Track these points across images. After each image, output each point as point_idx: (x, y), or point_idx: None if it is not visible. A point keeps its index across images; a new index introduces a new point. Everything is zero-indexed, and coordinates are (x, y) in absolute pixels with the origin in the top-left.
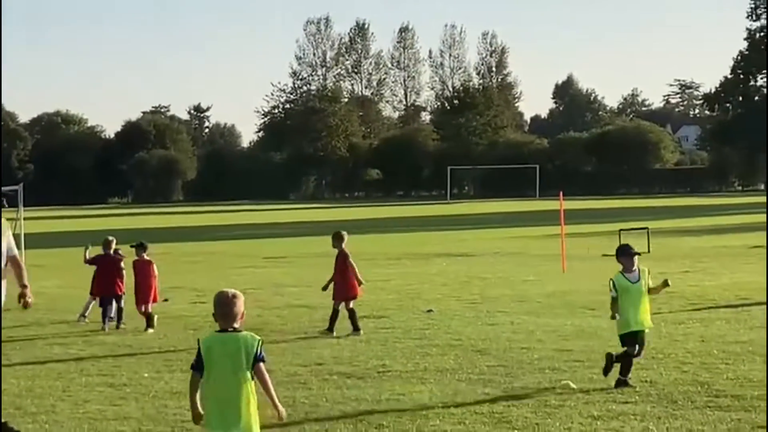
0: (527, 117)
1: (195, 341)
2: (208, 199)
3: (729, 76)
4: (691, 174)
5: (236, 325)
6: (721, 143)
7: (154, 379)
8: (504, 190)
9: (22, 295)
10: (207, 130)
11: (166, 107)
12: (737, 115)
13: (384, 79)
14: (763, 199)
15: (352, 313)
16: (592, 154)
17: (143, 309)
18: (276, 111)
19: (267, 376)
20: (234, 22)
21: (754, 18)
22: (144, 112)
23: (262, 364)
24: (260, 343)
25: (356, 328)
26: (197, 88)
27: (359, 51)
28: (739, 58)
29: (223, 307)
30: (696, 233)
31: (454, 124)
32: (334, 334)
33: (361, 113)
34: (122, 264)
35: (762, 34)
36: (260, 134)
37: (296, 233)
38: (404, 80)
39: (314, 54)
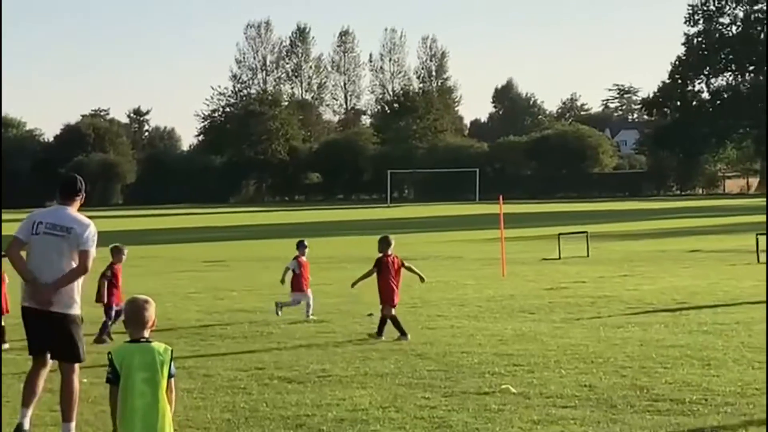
0: (467, 121)
1: (108, 355)
2: (147, 202)
3: (667, 81)
4: (629, 178)
5: (146, 333)
6: (660, 147)
7: (93, 385)
8: (444, 194)
9: None
10: (147, 133)
11: (105, 110)
12: (675, 119)
13: (324, 82)
14: (700, 203)
15: (383, 320)
16: (531, 158)
17: None
18: (216, 115)
19: (174, 392)
20: (174, 25)
21: (691, 23)
22: (83, 116)
23: (173, 380)
24: (172, 355)
25: (380, 333)
26: (137, 92)
27: (300, 55)
28: (677, 63)
29: (135, 313)
30: (634, 237)
31: (395, 127)
32: (383, 338)
33: (301, 117)
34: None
35: (699, 39)
36: (200, 138)
37: (236, 237)
38: (344, 84)
39: (254, 58)
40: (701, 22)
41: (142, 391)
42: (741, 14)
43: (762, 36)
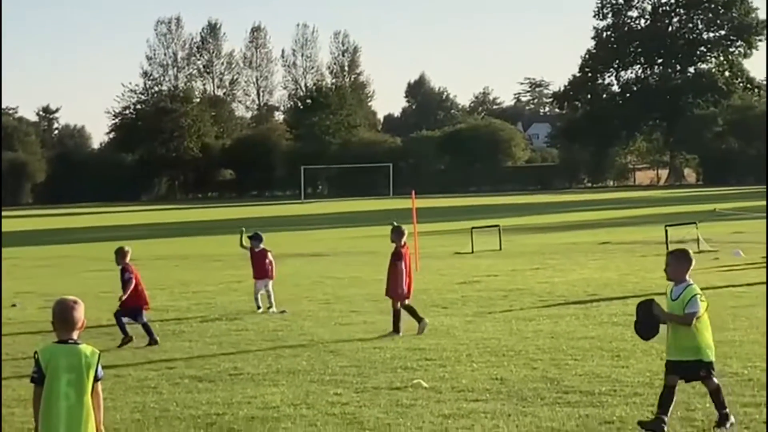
0: (380, 116)
1: (34, 354)
2: (58, 201)
3: (577, 75)
4: (541, 171)
5: (75, 336)
6: (571, 141)
7: (2, 387)
8: (358, 189)
9: None
10: (56, 131)
11: (13, 109)
12: (586, 112)
13: (236, 78)
14: (611, 195)
15: (397, 314)
16: (444, 153)
17: None
18: (127, 112)
19: (101, 395)
20: (84, 22)
21: (600, 17)
22: None
23: (99, 383)
24: (99, 358)
25: (397, 330)
26: (46, 89)
27: (211, 51)
28: (587, 56)
29: (63, 314)
30: (546, 230)
31: (308, 123)
32: (401, 333)
33: (213, 113)
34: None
35: (609, 32)
36: (111, 135)
37: (148, 235)
38: (257, 80)
39: (165, 54)
40: (610, 15)
41: (66, 394)
42: (649, 7)
43: (670, 29)
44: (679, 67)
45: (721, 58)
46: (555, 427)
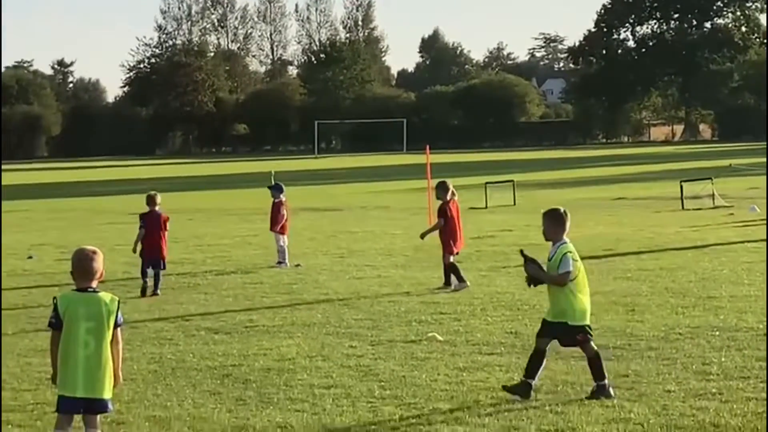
0: (394, 71)
1: (53, 300)
2: (73, 155)
3: (593, 30)
4: (555, 127)
5: (94, 284)
6: (586, 96)
7: (18, 337)
8: (371, 145)
9: None
10: (71, 85)
11: (29, 62)
12: (601, 68)
13: (250, 33)
14: (626, 151)
15: (448, 269)
16: (458, 108)
17: None
18: (141, 66)
19: (121, 342)
20: None
21: None
22: (6, 67)
23: (120, 329)
24: (119, 305)
25: (447, 284)
26: (61, 43)
27: (225, 5)
28: (602, 11)
29: (82, 263)
30: (561, 186)
31: (321, 78)
32: (452, 287)
33: (227, 68)
34: (168, 224)
35: None
36: (126, 89)
37: (162, 189)
38: (271, 34)
39: (179, 8)
40: None
41: (85, 341)
42: None
43: None
44: (695, 22)
45: (738, 13)
46: (569, 380)
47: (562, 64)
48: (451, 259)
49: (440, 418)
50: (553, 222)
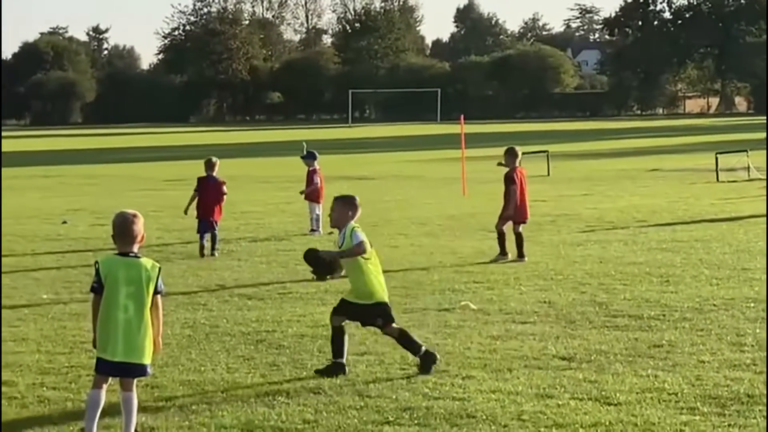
0: (429, 41)
1: (95, 264)
2: (107, 121)
3: (629, 1)
4: (590, 98)
5: (135, 249)
6: (621, 68)
7: (53, 301)
8: (405, 114)
9: None
10: (106, 51)
11: (64, 28)
12: (636, 39)
13: (285, 1)
14: (661, 123)
15: (519, 238)
16: (492, 79)
17: None
18: (176, 33)
19: (161, 309)
20: None
21: None
22: (42, 33)
23: (159, 296)
24: (160, 271)
25: (521, 255)
26: (96, 9)
27: None
28: None
29: (123, 227)
30: (595, 157)
31: (356, 47)
32: (509, 257)
33: (262, 36)
34: (225, 188)
35: None
36: (160, 57)
37: (196, 156)
38: (306, 2)
39: None
40: None
41: (125, 306)
42: None
43: None
44: None
45: None
46: (604, 350)
47: (597, 35)
48: (514, 228)
49: (473, 386)
50: (344, 208)
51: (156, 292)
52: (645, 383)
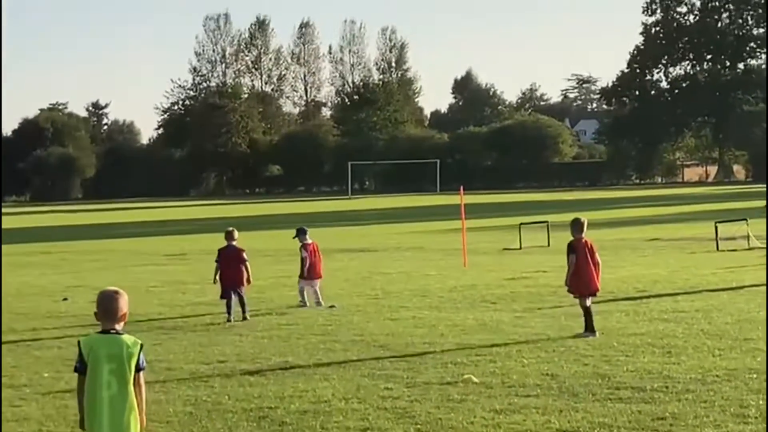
0: (427, 112)
1: (77, 343)
2: (107, 196)
3: (626, 71)
4: (589, 168)
5: (118, 327)
6: (619, 137)
7: (54, 379)
8: (405, 185)
9: None
10: (106, 127)
11: (64, 104)
12: (634, 109)
13: (284, 74)
14: (660, 192)
15: (586, 312)
16: (491, 149)
17: None
18: (176, 107)
19: (144, 386)
20: (132, 17)
21: (649, 13)
22: (42, 110)
23: (142, 373)
24: (142, 348)
25: (589, 329)
26: (96, 85)
27: (259, 47)
28: (635, 52)
29: (105, 304)
30: (595, 226)
31: (355, 119)
32: (597, 335)
33: (261, 109)
34: (245, 255)
35: (657, 28)
36: (160, 131)
37: (196, 230)
38: (304, 76)
39: (214, 50)
40: (659, 11)
41: (108, 383)
42: (698, 3)
43: (719, 24)
44: (728, 64)
45: None
46: (607, 422)
47: (595, 105)
48: (588, 302)
49: None
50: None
51: (138, 368)
52: None
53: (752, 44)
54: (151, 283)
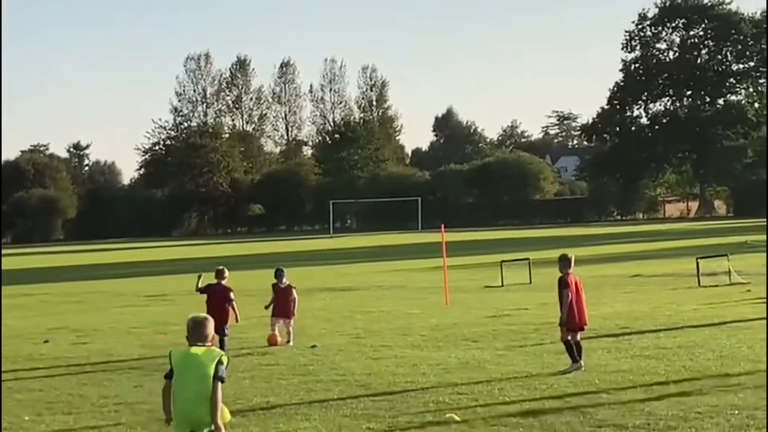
0: (408, 150)
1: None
2: (89, 237)
3: (606, 107)
4: (570, 204)
5: (207, 343)
6: (600, 173)
7: (35, 422)
8: (386, 223)
9: None
10: (87, 168)
11: (44, 146)
12: (615, 145)
13: (265, 114)
14: (641, 228)
15: (577, 346)
16: (473, 186)
17: None
18: (157, 148)
19: (219, 395)
20: (112, 58)
21: (629, 50)
22: (22, 151)
23: (220, 383)
24: (222, 360)
25: (575, 361)
26: (76, 126)
27: (240, 86)
28: (615, 89)
29: (197, 328)
30: (576, 263)
31: (336, 158)
32: (583, 367)
33: (242, 148)
34: (232, 295)
35: (637, 65)
36: (141, 171)
37: (177, 270)
38: (285, 115)
39: (194, 90)
40: (638, 48)
41: (194, 386)
42: (677, 39)
43: (699, 60)
44: (708, 99)
45: (751, 90)
46: None
47: (575, 142)
48: (570, 337)
49: None
50: None
51: (216, 376)
52: None
53: (732, 80)
54: (132, 324)
